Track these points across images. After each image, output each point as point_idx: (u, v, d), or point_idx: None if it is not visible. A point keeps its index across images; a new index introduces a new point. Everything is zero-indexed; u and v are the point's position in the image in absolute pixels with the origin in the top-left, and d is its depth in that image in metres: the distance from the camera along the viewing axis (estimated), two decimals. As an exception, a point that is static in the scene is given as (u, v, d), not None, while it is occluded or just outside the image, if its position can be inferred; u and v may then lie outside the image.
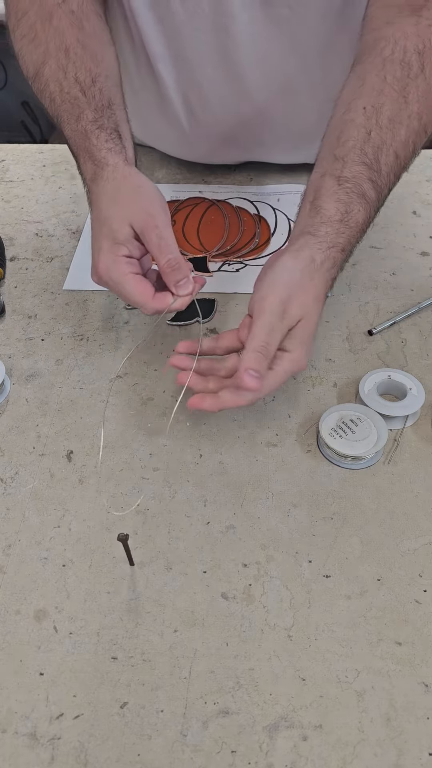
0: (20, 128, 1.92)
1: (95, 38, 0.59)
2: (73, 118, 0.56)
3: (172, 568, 0.47)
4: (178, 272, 0.51)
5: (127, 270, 0.51)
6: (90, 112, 0.55)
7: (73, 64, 0.57)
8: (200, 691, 0.42)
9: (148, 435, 0.55)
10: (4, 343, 0.64)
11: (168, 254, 0.51)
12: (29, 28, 0.58)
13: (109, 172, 0.54)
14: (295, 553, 0.48)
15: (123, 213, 0.52)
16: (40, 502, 0.51)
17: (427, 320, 0.64)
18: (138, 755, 0.39)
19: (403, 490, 0.51)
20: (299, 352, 0.49)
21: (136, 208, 0.52)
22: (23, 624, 0.45)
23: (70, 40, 0.57)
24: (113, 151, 0.54)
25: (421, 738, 0.39)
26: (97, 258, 0.52)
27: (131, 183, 0.53)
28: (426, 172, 0.83)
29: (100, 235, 0.53)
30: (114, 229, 0.51)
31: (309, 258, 0.50)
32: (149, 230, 0.51)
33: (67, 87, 0.56)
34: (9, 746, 0.40)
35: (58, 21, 0.58)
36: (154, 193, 0.53)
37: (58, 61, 0.57)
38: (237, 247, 0.74)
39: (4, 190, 0.83)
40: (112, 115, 0.57)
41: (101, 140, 0.55)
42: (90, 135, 0.55)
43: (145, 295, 0.51)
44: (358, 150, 0.51)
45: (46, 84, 0.58)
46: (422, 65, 0.52)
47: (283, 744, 0.39)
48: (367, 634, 0.44)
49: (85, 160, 0.56)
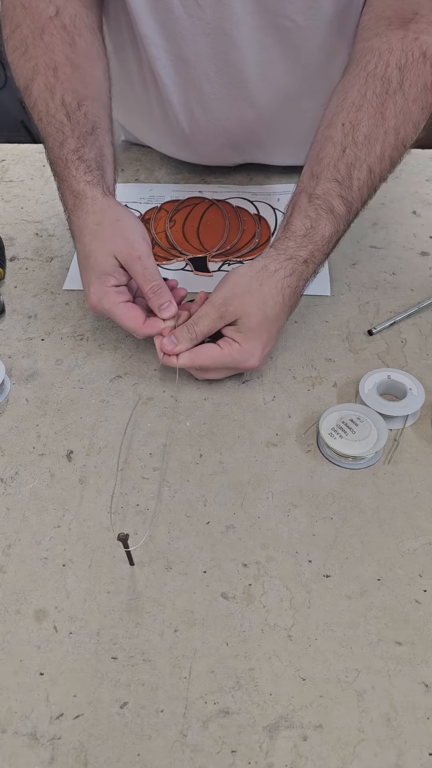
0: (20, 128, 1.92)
1: (86, 56, 0.60)
2: (56, 144, 0.58)
3: (172, 568, 0.47)
4: (160, 297, 0.56)
5: (118, 300, 0.56)
6: (73, 140, 0.57)
7: (60, 84, 0.58)
8: (200, 691, 0.42)
9: (148, 435, 0.55)
10: (4, 343, 0.64)
11: (152, 281, 0.55)
12: (21, 41, 0.59)
13: (88, 205, 0.56)
14: (295, 553, 0.48)
15: (106, 246, 0.55)
16: (40, 502, 0.51)
17: (427, 320, 0.64)
18: (138, 755, 0.39)
19: (403, 490, 0.51)
20: (246, 346, 0.55)
21: (119, 240, 0.55)
22: (23, 624, 0.45)
23: (59, 57, 0.58)
24: (91, 183, 0.57)
25: (421, 738, 0.39)
26: (87, 290, 0.57)
27: (111, 216, 0.56)
28: (426, 172, 0.83)
29: (87, 268, 0.56)
30: (100, 262, 0.55)
31: (261, 266, 0.55)
32: (133, 261, 0.55)
33: (53, 109, 0.58)
34: (9, 746, 0.40)
35: (49, 37, 0.58)
36: (134, 224, 0.57)
37: (47, 79, 0.58)
38: (237, 247, 0.74)
39: (4, 190, 0.83)
40: (95, 142, 0.58)
41: (80, 171, 0.57)
42: (70, 165, 0.57)
43: (137, 321, 0.56)
44: (332, 167, 0.55)
45: (34, 102, 0.59)
46: (401, 81, 0.55)
47: (283, 744, 0.39)
48: (367, 634, 0.44)
49: (64, 189, 0.58)
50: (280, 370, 0.60)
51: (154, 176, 0.85)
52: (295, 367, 0.60)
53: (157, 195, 0.81)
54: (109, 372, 0.61)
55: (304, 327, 0.64)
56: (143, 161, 0.87)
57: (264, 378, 0.60)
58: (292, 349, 0.62)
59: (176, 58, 0.69)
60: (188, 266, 0.72)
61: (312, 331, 0.64)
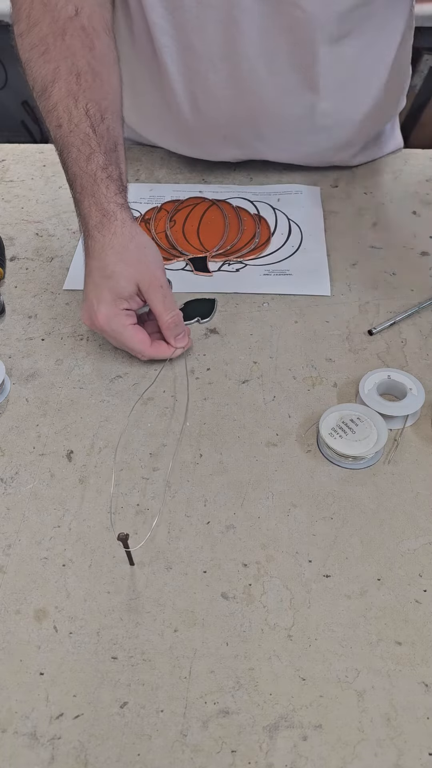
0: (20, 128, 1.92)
1: (104, 62, 0.60)
2: (82, 157, 0.57)
3: (172, 568, 0.47)
4: (178, 327, 0.59)
5: (127, 322, 0.58)
6: (101, 156, 0.58)
7: (83, 93, 0.57)
8: (200, 691, 0.42)
9: (148, 435, 0.55)
10: (4, 343, 0.64)
11: (171, 311, 0.58)
12: (40, 40, 0.58)
13: (117, 227, 0.57)
14: (295, 553, 0.48)
15: (130, 272, 0.56)
16: (40, 502, 0.51)
17: (427, 320, 0.64)
18: (138, 755, 0.39)
19: (403, 490, 0.51)
20: None
21: (143, 268, 0.57)
22: (23, 624, 0.45)
23: (81, 63, 0.58)
24: (122, 206, 0.58)
25: (421, 738, 0.39)
26: (97, 308, 0.57)
27: (137, 243, 0.57)
28: (426, 172, 0.83)
29: (102, 287, 0.57)
30: (121, 286, 0.56)
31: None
32: (155, 290, 0.57)
33: (77, 118, 0.57)
34: (9, 746, 0.40)
35: (70, 39, 0.58)
36: (156, 253, 0.59)
37: (69, 86, 0.57)
38: (237, 247, 0.74)
39: (4, 190, 0.83)
40: (117, 159, 0.59)
41: (111, 191, 0.58)
42: (99, 183, 0.57)
43: (144, 344, 0.58)
44: None
45: (54, 107, 0.58)
46: None
47: (283, 744, 0.39)
48: (367, 634, 0.44)
49: (90, 204, 0.58)
50: (280, 370, 0.60)
51: (154, 176, 0.85)
52: (295, 367, 0.60)
53: (158, 195, 0.81)
54: (109, 372, 0.61)
55: (304, 327, 0.64)
56: (143, 161, 0.87)
57: (264, 378, 0.60)
58: (292, 349, 0.62)
59: (184, 46, 0.69)
60: (188, 266, 0.72)
61: (312, 331, 0.64)
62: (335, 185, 0.82)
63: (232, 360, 0.61)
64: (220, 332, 0.64)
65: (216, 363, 0.61)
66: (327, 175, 0.84)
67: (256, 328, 0.64)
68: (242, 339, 0.63)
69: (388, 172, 0.84)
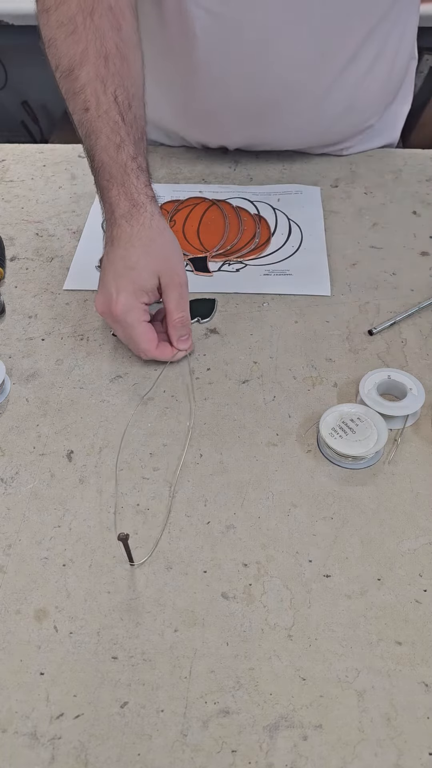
0: (20, 128, 1.92)
1: (130, 44, 0.60)
2: (112, 145, 0.57)
3: (172, 568, 0.47)
4: (184, 328, 0.59)
5: (143, 318, 0.57)
6: (131, 146, 0.58)
7: (112, 79, 0.57)
8: (200, 690, 0.42)
9: (148, 435, 0.55)
10: (5, 343, 0.64)
11: (182, 311, 0.58)
12: (69, 19, 0.57)
13: (146, 218, 0.57)
14: (295, 553, 0.48)
15: (154, 266, 0.56)
16: (40, 502, 0.51)
17: (427, 320, 0.64)
18: (138, 755, 0.39)
19: (403, 490, 0.51)
20: None
21: (167, 263, 0.57)
22: (23, 624, 0.45)
23: (109, 45, 0.57)
24: (152, 199, 0.58)
25: (421, 738, 0.40)
26: (116, 297, 0.56)
27: (165, 238, 0.58)
28: (426, 172, 0.83)
29: (125, 277, 0.56)
30: (143, 278, 0.56)
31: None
32: (173, 287, 0.57)
33: (105, 104, 0.57)
34: (9, 746, 0.40)
35: (99, 19, 0.57)
36: (179, 251, 0.59)
37: (98, 69, 0.57)
38: (237, 247, 0.74)
39: (4, 190, 0.83)
40: (144, 150, 0.59)
41: (141, 182, 0.58)
42: (130, 173, 0.57)
43: (152, 343, 0.58)
44: None
45: (81, 89, 0.57)
46: None
47: (284, 744, 0.39)
48: (367, 634, 0.44)
49: (119, 193, 0.57)
50: (280, 370, 0.60)
51: (154, 176, 0.84)
52: (295, 367, 0.60)
53: (158, 195, 0.81)
54: (109, 372, 0.61)
55: (304, 327, 0.64)
56: (143, 161, 0.87)
57: (264, 378, 0.60)
58: (292, 349, 0.62)
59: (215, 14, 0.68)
60: (188, 266, 0.72)
61: (312, 331, 0.64)
62: (335, 185, 0.82)
63: (232, 360, 0.61)
64: (220, 332, 0.64)
65: (216, 363, 0.61)
66: (327, 175, 0.84)
67: (256, 328, 0.64)
68: (242, 339, 0.63)
69: (388, 172, 0.84)
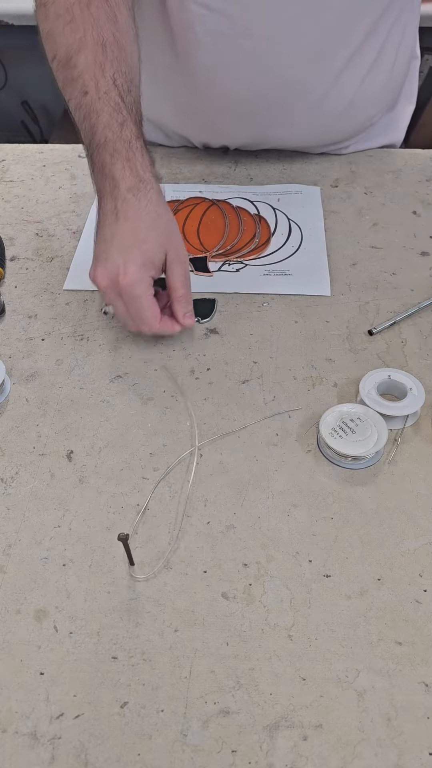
0: (20, 128, 1.92)
1: (126, 36, 0.60)
2: (115, 123, 0.57)
3: (172, 568, 0.47)
4: (188, 304, 0.60)
5: (149, 291, 0.57)
6: (133, 126, 0.58)
7: (110, 64, 0.57)
8: (200, 690, 0.42)
9: (148, 435, 0.55)
10: (4, 343, 0.64)
11: (186, 288, 0.59)
12: (66, 9, 0.58)
13: (153, 195, 0.57)
14: (295, 553, 0.48)
15: (161, 240, 0.57)
16: (40, 502, 0.51)
17: (427, 320, 0.64)
18: (138, 755, 0.39)
19: (403, 490, 0.51)
20: None
21: (172, 241, 0.58)
22: (23, 624, 0.45)
23: (106, 34, 0.58)
24: (156, 178, 0.58)
25: (421, 738, 0.40)
26: (125, 268, 0.55)
27: (168, 216, 0.58)
28: (426, 172, 0.83)
29: (134, 248, 0.56)
30: (152, 251, 0.56)
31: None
32: (178, 263, 0.58)
33: (105, 87, 0.57)
34: (9, 746, 0.40)
35: (96, 9, 0.58)
36: (178, 230, 0.60)
37: (96, 55, 0.57)
38: (237, 247, 0.74)
39: (4, 190, 0.83)
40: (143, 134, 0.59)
41: (146, 161, 0.58)
42: (135, 151, 0.57)
43: (156, 318, 0.58)
44: None
45: (80, 74, 0.57)
46: None
47: (284, 744, 0.39)
48: (367, 634, 0.44)
49: (124, 167, 0.57)
50: (280, 370, 0.60)
51: (154, 176, 0.85)
52: (295, 367, 0.60)
53: None
54: (109, 372, 0.61)
55: (304, 327, 0.64)
56: (143, 161, 0.87)
57: (264, 378, 0.60)
58: (292, 349, 0.62)
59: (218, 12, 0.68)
60: (188, 266, 0.72)
61: (312, 331, 0.64)
62: (335, 185, 0.82)
63: (232, 360, 0.61)
64: (220, 332, 0.64)
65: (216, 363, 0.61)
66: (327, 175, 0.84)
67: (256, 328, 0.64)
68: (242, 339, 0.63)
69: (388, 172, 0.84)
